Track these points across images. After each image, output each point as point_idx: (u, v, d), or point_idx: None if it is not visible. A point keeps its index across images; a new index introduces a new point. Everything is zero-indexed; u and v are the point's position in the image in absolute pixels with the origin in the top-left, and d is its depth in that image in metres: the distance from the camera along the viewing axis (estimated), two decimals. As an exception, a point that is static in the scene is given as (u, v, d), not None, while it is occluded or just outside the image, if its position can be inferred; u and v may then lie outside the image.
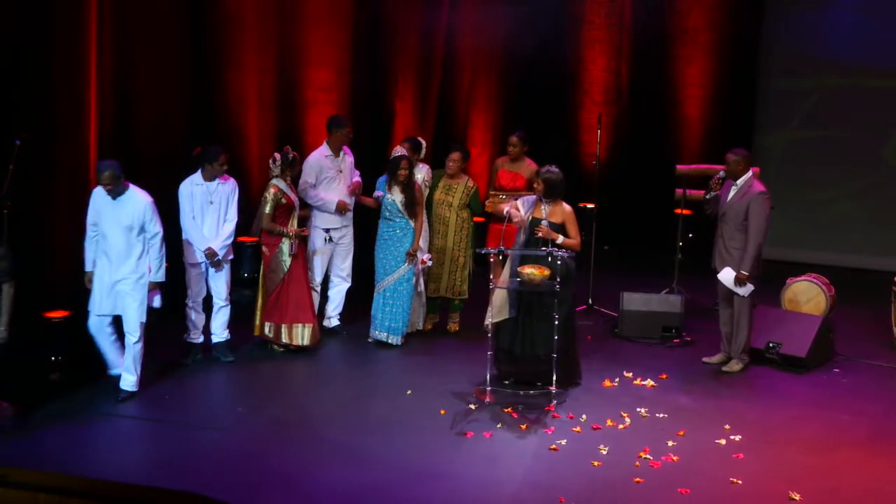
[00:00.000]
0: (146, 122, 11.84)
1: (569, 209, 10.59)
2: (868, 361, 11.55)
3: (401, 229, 11.53)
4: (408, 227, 11.50)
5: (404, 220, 11.49)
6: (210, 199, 10.74)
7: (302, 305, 11.17)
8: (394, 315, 11.56)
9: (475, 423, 9.68)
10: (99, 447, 9.03)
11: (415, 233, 11.50)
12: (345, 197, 11.73)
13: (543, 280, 10.10)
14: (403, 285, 11.54)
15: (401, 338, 11.60)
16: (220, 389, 10.41)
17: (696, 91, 15.85)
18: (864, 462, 9.07)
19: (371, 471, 8.65)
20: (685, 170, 13.75)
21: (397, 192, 11.44)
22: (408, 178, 11.42)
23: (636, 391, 10.57)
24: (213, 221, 10.77)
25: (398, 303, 11.55)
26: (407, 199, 11.44)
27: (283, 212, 11.07)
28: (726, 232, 10.99)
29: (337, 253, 11.88)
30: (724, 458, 9.08)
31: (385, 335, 11.58)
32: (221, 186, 10.77)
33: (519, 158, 12.47)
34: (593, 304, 12.98)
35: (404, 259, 11.51)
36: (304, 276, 11.24)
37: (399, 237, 11.53)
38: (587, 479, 8.61)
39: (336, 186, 11.69)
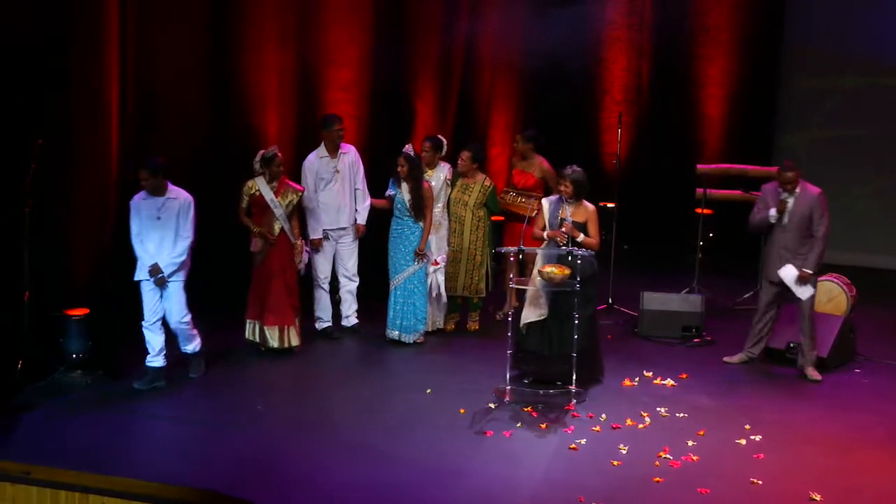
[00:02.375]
0: (168, 122, 11.84)
1: (592, 208, 10.59)
2: (889, 362, 11.51)
3: (409, 227, 11.54)
4: (416, 225, 11.50)
5: (412, 219, 11.49)
6: (157, 214, 10.08)
7: (272, 306, 11.00)
8: (405, 313, 11.57)
9: (495, 422, 9.68)
10: (117, 445, 9.05)
11: (423, 232, 11.49)
12: (344, 200, 11.62)
13: (564, 279, 10.09)
14: (414, 284, 11.54)
15: (414, 336, 11.59)
16: (238, 388, 10.41)
17: (717, 90, 15.82)
18: (885, 462, 9.04)
19: (391, 470, 8.65)
20: (706, 169, 13.73)
21: (406, 190, 11.44)
22: (412, 175, 11.40)
23: (656, 391, 10.55)
24: (159, 238, 10.07)
25: (409, 301, 11.55)
26: (413, 199, 11.42)
27: (259, 209, 10.93)
28: (791, 241, 10.81)
29: (340, 253, 11.80)
30: (744, 458, 9.06)
31: (397, 333, 11.59)
32: (170, 202, 10.10)
33: (528, 156, 12.46)
34: (613, 303, 12.97)
35: (414, 258, 11.51)
36: (277, 278, 10.99)
37: (407, 235, 11.54)
38: (607, 479, 8.60)
39: (335, 188, 11.60)
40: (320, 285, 11.74)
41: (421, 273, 11.56)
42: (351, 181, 11.68)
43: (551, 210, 10.59)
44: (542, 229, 10.61)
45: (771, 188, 10.94)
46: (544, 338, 10.45)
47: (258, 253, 10.97)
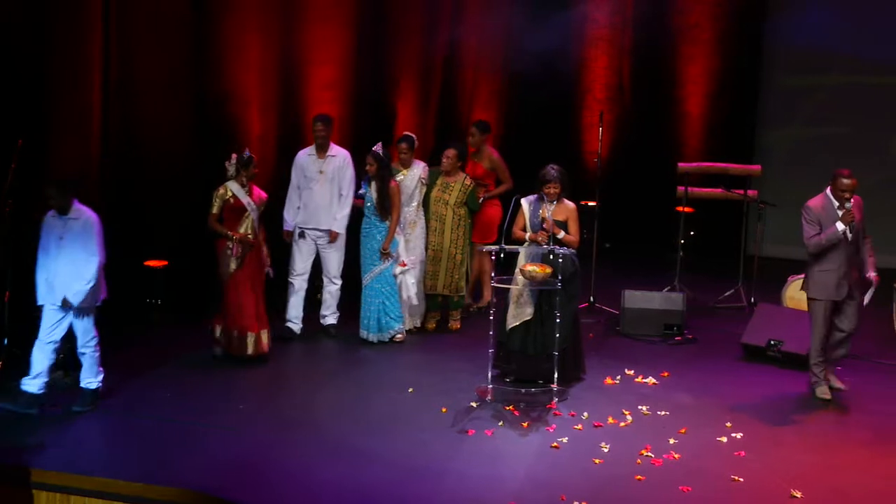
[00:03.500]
0: (149, 122, 11.83)
1: (572, 206, 10.60)
2: (870, 359, 11.55)
3: (375, 226, 11.54)
4: (383, 224, 11.50)
5: (378, 218, 11.50)
6: (60, 234, 9.33)
7: (245, 313, 10.79)
8: (374, 313, 11.57)
9: (477, 420, 9.68)
10: (99, 445, 9.03)
11: (388, 231, 11.48)
12: (324, 201, 11.53)
13: (546, 278, 10.10)
14: (381, 283, 11.53)
15: (387, 334, 11.57)
16: (221, 388, 10.38)
17: (699, 88, 15.85)
18: (867, 461, 9.06)
19: (373, 469, 8.64)
20: (687, 167, 13.76)
21: (373, 189, 11.44)
22: (380, 175, 11.39)
23: (638, 389, 10.57)
24: (66, 261, 9.30)
25: (377, 300, 11.54)
26: (379, 197, 11.42)
27: (232, 214, 10.76)
28: (853, 252, 10.26)
29: (322, 255, 11.72)
30: (725, 455, 9.07)
31: (366, 333, 11.60)
32: (71, 223, 9.33)
33: (480, 147, 12.51)
34: (595, 301, 12.97)
35: (380, 257, 11.51)
36: (249, 283, 10.81)
37: (374, 234, 11.54)
38: (589, 477, 8.60)
39: (316, 188, 11.52)
40: (291, 282, 11.66)
41: (388, 272, 11.55)
42: (336, 185, 11.58)
43: (532, 210, 10.59)
44: (522, 229, 10.61)
45: (818, 205, 10.23)
46: (528, 337, 10.45)
47: (234, 259, 10.77)
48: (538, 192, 10.59)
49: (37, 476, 8.38)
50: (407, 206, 11.82)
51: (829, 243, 10.06)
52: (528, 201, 10.66)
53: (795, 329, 11.34)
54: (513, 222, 10.56)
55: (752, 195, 13.39)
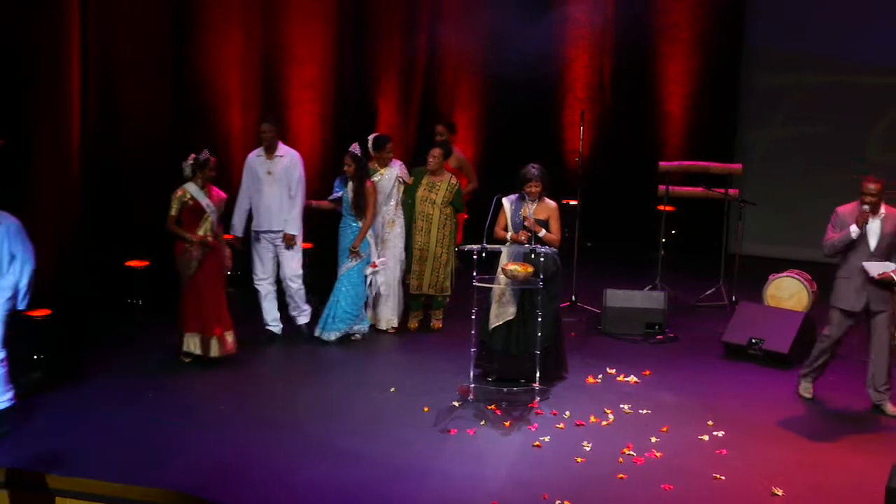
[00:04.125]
0: (129, 119, 11.81)
1: (553, 205, 10.62)
2: (851, 357, 11.58)
3: (349, 226, 11.55)
4: (357, 224, 11.50)
5: (353, 217, 11.51)
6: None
7: (206, 315, 10.70)
8: (327, 310, 11.57)
9: (459, 420, 9.69)
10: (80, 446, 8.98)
11: (360, 230, 11.47)
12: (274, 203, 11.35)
13: (527, 277, 10.11)
14: (343, 283, 11.53)
15: (333, 334, 11.54)
16: (203, 389, 10.36)
17: (679, 88, 15.87)
18: (848, 458, 9.10)
19: (355, 469, 8.65)
20: (668, 166, 13.79)
21: (349, 188, 11.45)
22: (357, 175, 11.39)
23: (619, 388, 10.59)
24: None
25: (334, 298, 11.55)
26: (355, 197, 11.42)
27: (191, 216, 10.64)
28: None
29: (280, 257, 11.58)
30: (707, 454, 9.10)
31: (319, 332, 11.60)
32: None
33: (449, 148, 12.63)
34: (576, 300, 12.98)
35: (348, 255, 11.52)
36: (210, 285, 10.71)
37: (348, 234, 11.55)
38: (571, 476, 8.62)
39: (265, 190, 11.39)
40: (257, 288, 11.60)
41: (353, 272, 11.52)
42: (285, 186, 11.41)
43: (513, 209, 10.60)
44: (504, 229, 10.62)
45: (847, 211, 10.03)
46: (510, 337, 10.47)
47: (193, 261, 10.65)
48: (519, 191, 10.60)
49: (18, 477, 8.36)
50: (385, 206, 11.82)
51: (841, 244, 9.91)
52: (509, 200, 10.67)
53: (776, 327, 11.40)
54: (494, 222, 10.57)
55: (733, 194, 13.42)
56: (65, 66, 10.89)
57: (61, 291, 10.73)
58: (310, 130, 13.55)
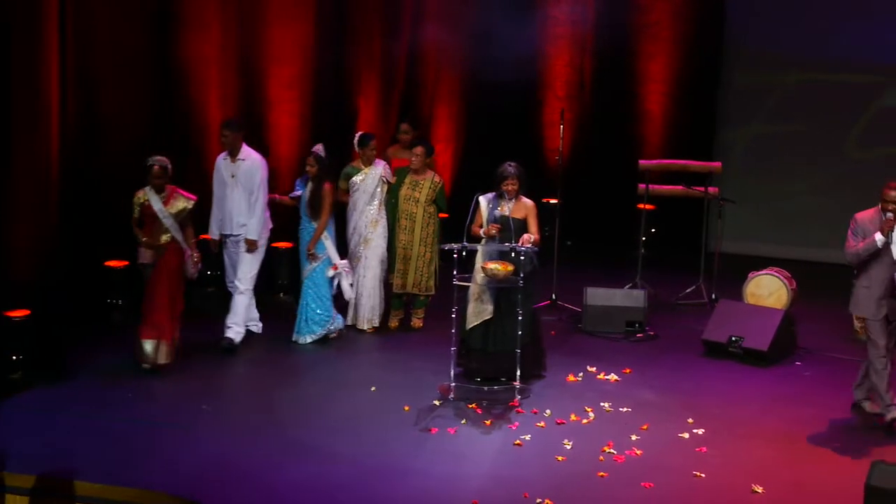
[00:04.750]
0: (108, 119, 11.77)
1: (531, 204, 10.62)
2: (830, 354, 11.63)
3: (305, 228, 11.50)
4: (311, 226, 11.43)
5: (308, 218, 11.45)
6: None
7: (152, 321, 10.48)
8: (299, 314, 11.53)
9: (439, 419, 9.69)
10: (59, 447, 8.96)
11: (315, 232, 11.39)
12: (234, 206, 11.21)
13: (507, 276, 10.11)
14: (308, 285, 11.47)
15: (307, 337, 11.49)
16: (183, 388, 10.34)
17: (659, 86, 15.89)
18: (827, 455, 9.14)
19: (336, 468, 8.64)
20: (648, 165, 13.81)
21: (308, 188, 11.42)
22: (319, 176, 11.34)
23: (600, 386, 10.60)
24: None
25: (302, 301, 11.49)
26: (311, 198, 11.36)
27: (149, 219, 10.52)
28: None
29: (238, 258, 11.43)
30: (687, 451, 9.13)
31: (294, 335, 11.54)
32: None
33: (410, 145, 12.60)
34: (557, 299, 12.99)
35: (307, 258, 11.47)
36: (163, 290, 10.49)
37: (303, 236, 11.51)
38: (551, 474, 8.64)
39: (228, 193, 11.27)
40: (228, 289, 11.50)
41: (315, 274, 11.47)
42: (247, 190, 11.25)
43: (490, 208, 10.60)
44: (480, 227, 10.61)
45: (867, 217, 9.66)
46: (487, 335, 10.47)
47: (148, 265, 10.60)
48: (496, 189, 10.60)
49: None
50: (369, 205, 11.80)
51: (865, 253, 9.56)
52: (486, 199, 10.66)
53: (756, 325, 11.42)
54: (471, 221, 10.58)
55: (713, 192, 13.44)
56: (44, 69, 10.84)
57: (41, 292, 10.69)
58: (290, 130, 13.53)
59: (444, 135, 15.70)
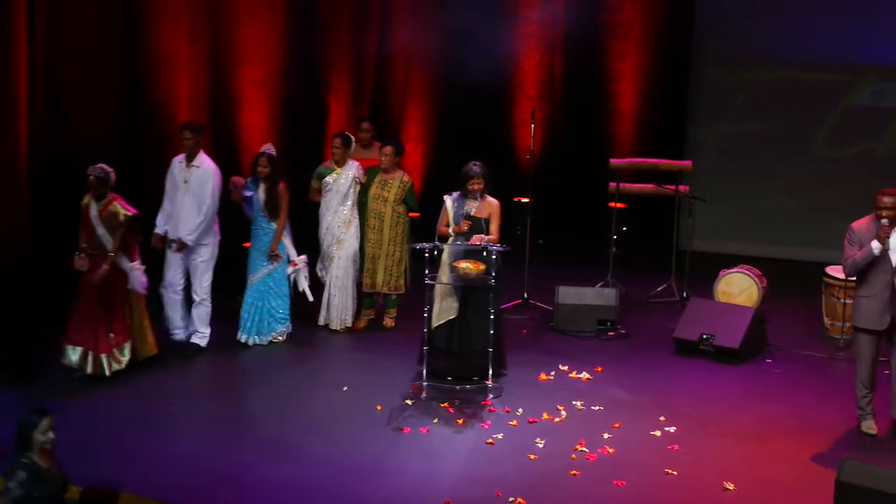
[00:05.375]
0: (77, 119, 11.70)
1: (496, 203, 10.60)
2: (800, 352, 11.68)
3: (262, 228, 11.41)
4: (270, 226, 11.37)
5: (266, 219, 11.37)
6: None
7: (77, 328, 10.24)
8: (257, 315, 11.42)
9: (412, 418, 9.68)
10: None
11: (275, 232, 11.35)
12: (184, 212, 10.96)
13: (479, 275, 10.11)
14: (269, 285, 11.41)
15: (268, 337, 11.44)
16: (153, 389, 10.31)
17: (629, 85, 15.94)
18: (797, 452, 9.17)
19: (309, 468, 8.63)
20: (618, 163, 13.85)
21: (262, 190, 11.34)
22: (272, 177, 11.30)
23: (572, 384, 10.62)
24: None
25: (264, 302, 11.41)
26: (268, 198, 11.29)
27: (89, 225, 10.34)
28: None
29: (191, 269, 11.20)
30: (659, 449, 9.14)
31: (245, 337, 11.42)
32: None
33: (370, 145, 12.71)
34: (528, 297, 13.00)
35: (268, 258, 11.39)
36: (96, 299, 10.24)
37: (261, 237, 11.40)
38: (524, 473, 8.64)
39: (179, 198, 11.03)
40: (161, 293, 11.21)
41: (277, 273, 11.42)
42: (197, 197, 11.00)
43: (455, 207, 10.59)
44: (446, 226, 10.61)
45: (863, 226, 9.43)
46: (452, 334, 10.44)
47: (85, 272, 10.33)
48: (461, 188, 10.59)
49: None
50: (342, 206, 11.78)
51: (864, 262, 9.31)
52: (451, 198, 10.66)
53: (727, 323, 11.46)
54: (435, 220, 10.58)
55: (684, 190, 13.49)
56: (12, 69, 10.79)
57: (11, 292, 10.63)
58: (260, 130, 13.50)
59: (414, 134, 15.70)
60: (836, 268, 12.18)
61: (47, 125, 11.38)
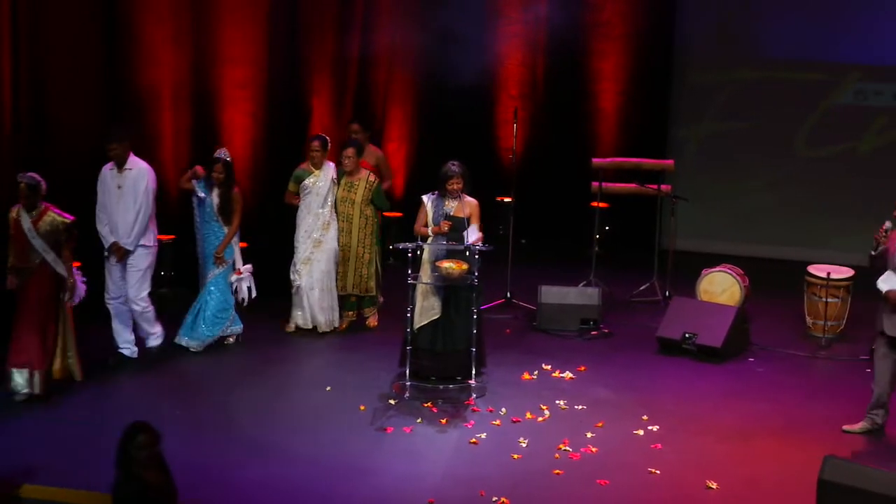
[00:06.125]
0: (61, 121, 11.65)
1: (475, 202, 10.59)
2: (782, 350, 11.71)
3: (214, 232, 11.31)
4: (222, 231, 11.27)
5: (219, 224, 11.27)
6: None
7: (15, 348, 9.80)
8: (189, 317, 11.29)
9: (395, 418, 9.68)
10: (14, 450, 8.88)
11: (225, 237, 11.24)
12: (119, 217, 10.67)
13: (462, 274, 10.11)
14: (210, 290, 11.29)
15: (189, 341, 11.24)
16: (135, 390, 10.28)
17: (611, 85, 15.95)
18: (780, 450, 9.20)
19: (292, 468, 8.62)
20: (601, 163, 13.86)
21: (216, 194, 11.25)
22: (227, 182, 11.21)
23: (555, 384, 10.63)
24: None
25: (197, 305, 11.28)
26: (222, 202, 11.20)
27: (20, 238, 9.85)
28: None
29: (125, 275, 10.87)
30: (642, 448, 9.16)
31: (186, 340, 11.26)
32: None
33: (364, 145, 12.65)
34: (511, 297, 13.00)
35: (214, 262, 11.27)
36: (31, 315, 9.78)
37: (212, 241, 11.30)
38: (507, 472, 8.65)
39: (115, 205, 10.70)
40: (107, 306, 10.90)
41: (218, 279, 11.30)
42: (133, 200, 10.70)
43: (434, 206, 10.58)
44: (425, 226, 10.59)
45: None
46: (436, 334, 10.43)
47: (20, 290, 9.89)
48: (439, 188, 10.57)
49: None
50: (322, 208, 11.70)
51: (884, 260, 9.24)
52: (429, 198, 10.65)
53: (709, 322, 11.49)
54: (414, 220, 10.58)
55: (666, 190, 13.51)
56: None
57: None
58: (243, 130, 13.47)
59: (397, 134, 15.70)
60: (818, 267, 12.24)
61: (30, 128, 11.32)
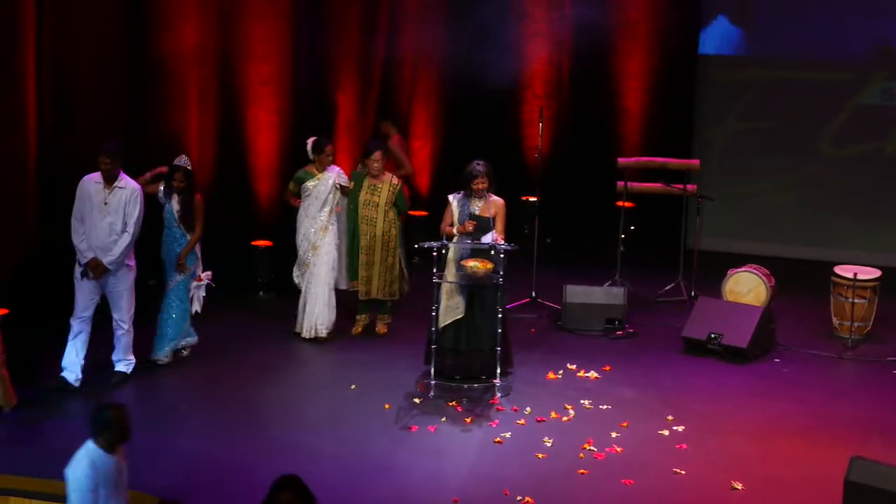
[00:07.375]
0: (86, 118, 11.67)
1: (501, 202, 10.58)
2: (808, 351, 11.67)
3: (176, 240, 11.02)
4: (184, 238, 11.00)
5: (181, 231, 11.00)
6: None
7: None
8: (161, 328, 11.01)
9: (419, 417, 9.69)
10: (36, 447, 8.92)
11: (187, 245, 10.96)
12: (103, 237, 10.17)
13: (487, 273, 10.11)
14: (171, 298, 10.97)
15: (162, 355, 10.93)
16: (158, 390, 10.30)
17: (637, 84, 15.90)
18: (805, 451, 9.17)
19: (316, 467, 8.60)
20: (627, 162, 13.83)
21: (176, 202, 11.00)
22: (188, 189, 10.95)
23: (580, 383, 10.61)
24: None
25: (167, 316, 10.98)
26: (183, 210, 10.93)
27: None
28: None
29: (107, 294, 10.44)
30: (667, 448, 9.14)
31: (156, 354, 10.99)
32: None
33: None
34: (536, 296, 12.98)
35: (175, 269, 11.01)
36: None
37: (175, 249, 11.00)
38: (532, 472, 8.65)
39: (98, 222, 10.19)
40: (71, 324, 10.33)
41: (180, 287, 11.01)
42: (119, 219, 10.23)
43: (460, 206, 10.57)
44: (450, 225, 10.57)
45: None
46: (460, 334, 10.42)
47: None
48: (465, 188, 10.56)
49: None
50: (320, 212, 11.53)
51: None
52: (455, 198, 10.64)
53: (735, 322, 11.45)
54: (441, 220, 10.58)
55: (692, 189, 13.47)
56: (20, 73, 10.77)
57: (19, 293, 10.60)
58: (268, 126, 13.47)
59: (422, 133, 15.68)
60: (844, 267, 12.18)
61: (55, 125, 11.35)
